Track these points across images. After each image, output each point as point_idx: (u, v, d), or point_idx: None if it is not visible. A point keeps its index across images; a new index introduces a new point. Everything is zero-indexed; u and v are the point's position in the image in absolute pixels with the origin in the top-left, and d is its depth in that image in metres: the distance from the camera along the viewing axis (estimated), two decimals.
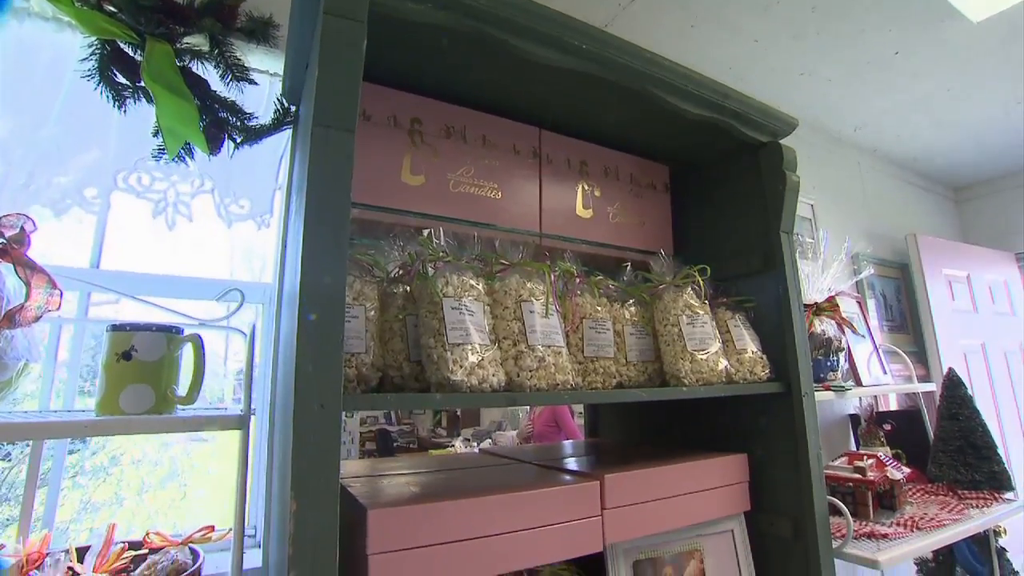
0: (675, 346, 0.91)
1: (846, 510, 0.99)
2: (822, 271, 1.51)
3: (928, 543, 1.09)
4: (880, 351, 1.64)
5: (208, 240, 1.05)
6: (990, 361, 2.17)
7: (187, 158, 0.87)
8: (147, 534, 0.70)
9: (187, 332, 0.71)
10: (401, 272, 0.79)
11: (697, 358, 0.90)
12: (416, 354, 0.73)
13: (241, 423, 0.61)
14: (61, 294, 0.67)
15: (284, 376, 0.67)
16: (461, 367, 0.66)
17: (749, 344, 0.99)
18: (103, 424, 0.55)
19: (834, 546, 0.96)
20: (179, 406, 0.68)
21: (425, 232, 0.81)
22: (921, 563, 1.64)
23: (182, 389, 0.69)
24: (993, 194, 2.54)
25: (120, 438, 1.64)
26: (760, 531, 0.98)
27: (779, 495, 0.98)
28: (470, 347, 0.68)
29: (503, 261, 0.81)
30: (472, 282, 0.74)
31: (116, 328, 0.66)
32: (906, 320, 2.09)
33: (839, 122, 1.97)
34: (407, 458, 1.41)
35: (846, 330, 1.42)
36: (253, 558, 0.90)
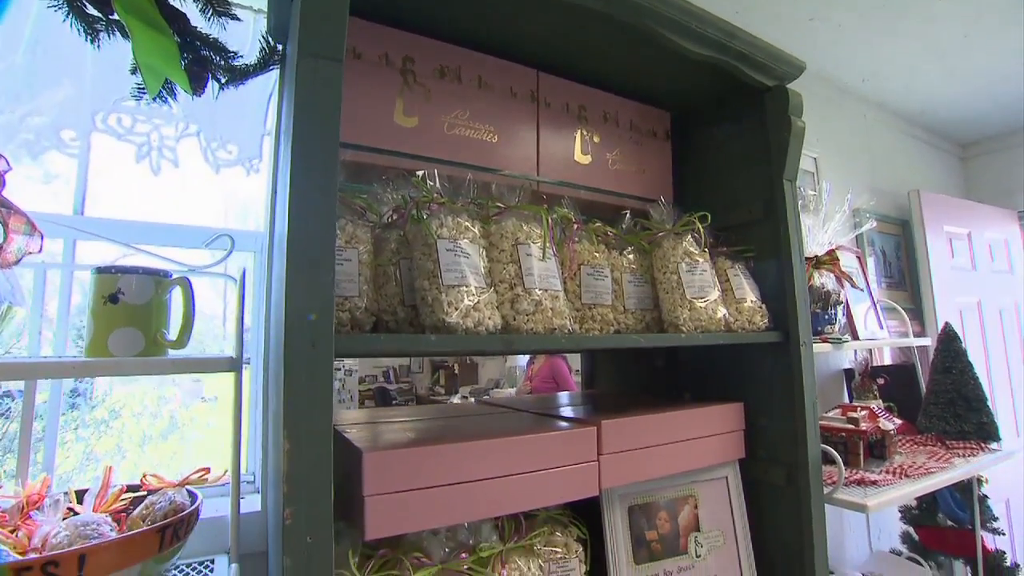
0: (674, 294, 0.90)
1: (838, 457, 1.01)
2: (823, 225, 1.49)
3: (915, 489, 1.12)
4: (878, 306, 1.64)
5: (196, 188, 1.02)
6: (985, 318, 2.18)
7: (169, 99, 0.83)
8: (144, 476, 0.70)
9: (175, 276, 0.69)
10: (395, 216, 0.77)
11: (696, 306, 0.89)
12: (411, 298, 0.72)
13: (233, 365, 0.60)
14: (42, 237, 0.65)
15: (276, 320, 0.66)
16: (456, 309, 0.65)
17: (748, 293, 0.98)
18: (92, 365, 0.54)
19: (825, 492, 0.97)
20: (170, 350, 0.67)
21: (419, 174, 0.79)
22: (905, 510, 1.69)
23: (172, 333, 0.68)
24: (1000, 151, 2.49)
25: (119, 392, 1.65)
26: (753, 478, 1.00)
27: (773, 443, 0.99)
28: (465, 289, 0.67)
29: (499, 204, 0.79)
30: (467, 224, 0.72)
31: (101, 270, 0.64)
32: (904, 277, 2.09)
33: (847, 72, 1.91)
34: (404, 408, 1.42)
35: (845, 284, 1.41)
36: (252, 504, 0.91)
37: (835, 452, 1.01)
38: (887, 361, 1.84)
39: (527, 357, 2.12)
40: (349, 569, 0.63)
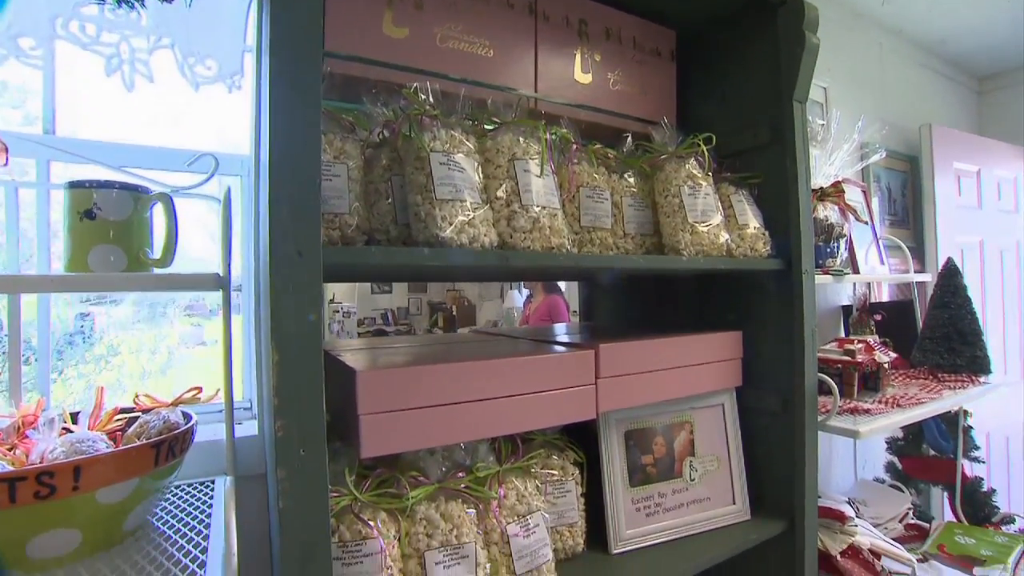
0: (675, 217, 0.87)
1: (834, 385, 1.01)
2: (829, 157, 1.44)
3: (905, 417, 1.13)
4: (880, 242, 1.62)
5: (176, 107, 0.96)
6: (985, 258, 2.17)
7: (136, 5, 0.77)
8: (136, 396, 0.70)
9: (155, 192, 0.66)
10: (385, 133, 0.73)
11: (698, 230, 0.86)
12: (404, 217, 0.69)
13: (219, 283, 0.58)
14: (7, 148, 0.61)
15: (263, 237, 0.63)
16: (450, 224, 0.62)
17: (751, 220, 0.96)
18: (72, 279, 0.52)
19: (819, 420, 0.98)
20: (154, 269, 0.64)
21: (410, 87, 0.74)
22: (891, 441, 1.74)
23: (156, 252, 0.65)
24: (1018, 85, 2.39)
25: (115, 328, 1.65)
26: (749, 406, 1.01)
27: (770, 372, 0.99)
28: (460, 204, 0.64)
29: (495, 119, 0.74)
30: (462, 138, 0.69)
31: (75, 185, 0.61)
32: (908, 216, 2.05)
33: None
34: (400, 337, 1.42)
35: (849, 217, 1.38)
36: (250, 429, 0.92)
37: (831, 381, 1.01)
38: (885, 298, 1.83)
39: (524, 297, 2.11)
40: (346, 487, 0.63)
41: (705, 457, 0.94)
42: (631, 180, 0.91)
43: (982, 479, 1.61)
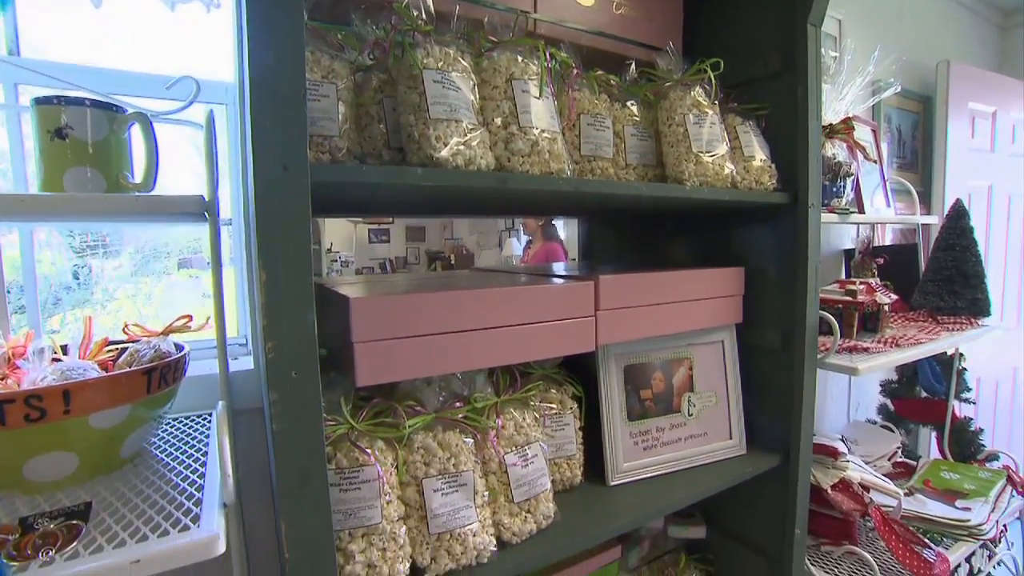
0: (679, 147, 0.84)
1: (835, 322, 1.01)
2: (840, 92, 1.38)
3: (903, 356, 1.13)
4: (887, 184, 1.58)
5: (151, 30, 0.90)
6: (993, 203, 2.13)
7: None
8: (126, 326, 0.68)
9: (131, 112, 0.62)
10: (376, 53, 0.68)
11: (702, 160, 0.83)
12: (396, 140, 0.65)
13: (204, 206, 0.55)
14: None
15: (249, 158, 0.60)
16: (445, 145, 0.59)
17: (758, 152, 0.92)
18: (43, 199, 0.50)
19: (818, 358, 0.98)
20: (136, 193, 0.61)
21: (402, 1, 0.69)
22: (885, 383, 1.76)
23: (137, 177, 0.62)
24: None
25: (110, 274, 1.63)
26: (749, 344, 1.01)
27: (771, 309, 0.98)
28: (455, 124, 0.60)
29: (492, 39, 0.69)
30: (457, 56, 0.64)
31: (42, 101, 0.57)
32: (917, 159, 2.00)
33: None
34: (396, 275, 1.40)
35: (857, 156, 1.34)
36: (246, 364, 0.91)
37: (832, 318, 1.01)
38: (888, 242, 1.81)
39: (523, 244, 2.09)
40: (343, 416, 0.62)
41: (703, 393, 0.94)
42: (634, 109, 0.86)
43: (971, 419, 1.64)
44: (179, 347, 0.66)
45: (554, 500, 0.74)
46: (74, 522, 0.48)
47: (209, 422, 0.75)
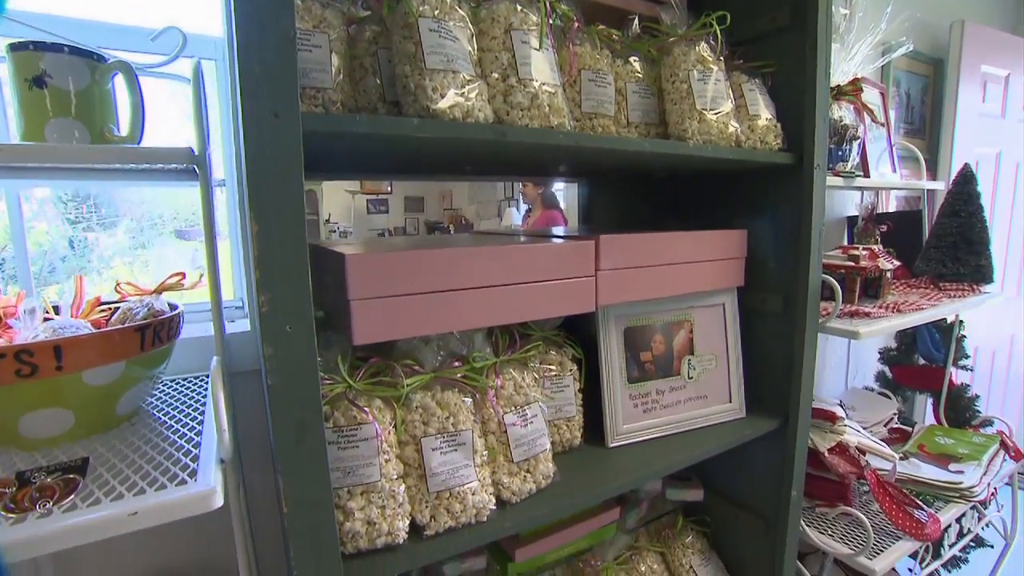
0: (682, 104, 0.81)
1: (837, 286, 0.99)
2: (850, 51, 1.34)
3: (904, 321, 1.13)
4: (894, 149, 1.55)
5: None
6: (1001, 171, 2.10)
7: None
8: (117, 284, 0.67)
9: (113, 61, 0.59)
10: (371, 3, 0.66)
11: (706, 118, 0.81)
12: (392, 94, 0.63)
13: (194, 160, 0.54)
14: None
15: (238, 107, 0.58)
16: (442, 96, 0.57)
17: (763, 110, 0.90)
18: (23, 149, 0.48)
19: (819, 322, 0.98)
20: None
21: None
22: (884, 351, 1.76)
23: (123, 130, 0.60)
24: None
25: (106, 243, 1.61)
26: (750, 307, 1.00)
27: (774, 273, 0.97)
28: (452, 75, 0.58)
29: None
30: (454, 4, 0.61)
31: (17, 48, 0.54)
32: (925, 125, 1.96)
33: None
34: (394, 238, 1.38)
35: (864, 118, 1.30)
36: (243, 327, 0.91)
37: (834, 281, 0.99)
38: (892, 209, 1.79)
39: (522, 213, 2.06)
40: (340, 374, 0.62)
41: (704, 356, 0.93)
42: (636, 65, 0.83)
43: (968, 385, 1.65)
44: (173, 307, 0.65)
45: (553, 461, 0.75)
46: (71, 476, 0.47)
47: (206, 383, 0.74)
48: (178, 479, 0.48)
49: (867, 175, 1.35)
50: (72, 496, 0.45)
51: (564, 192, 1.71)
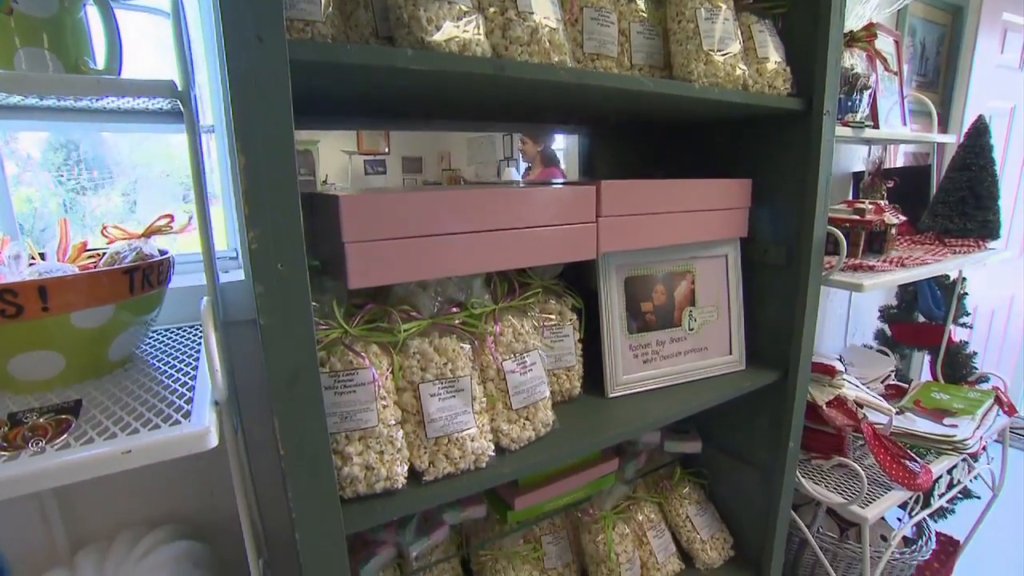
0: (688, 45, 0.77)
1: (842, 237, 0.98)
2: None
3: (908, 275, 1.11)
4: (905, 101, 1.50)
5: None
6: (1014, 126, 2.04)
7: None
8: (104, 228, 0.65)
9: None
10: None
11: (713, 59, 0.77)
12: (385, 28, 0.60)
13: (177, 94, 0.51)
14: None
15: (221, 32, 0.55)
16: (438, 28, 0.54)
17: (772, 53, 0.86)
18: None
19: (822, 274, 0.96)
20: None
21: None
22: (884, 309, 1.76)
23: (99, 63, 0.57)
24: None
25: (102, 203, 1.58)
26: (753, 259, 0.98)
27: (778, 224, 0.95)
28: (448, 6, 0.54)
29: None
30: None
31: None
32: (939, 78, 1.89)
33: None
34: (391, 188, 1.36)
35: (877, 67, 1.26)
36: (237, 277, 0.89)
37: (839, 233, 0.97)
38: (900, 164, 1.75)
39: (522, 172, 2.01)
40: (336, 320, 0.61)
41: (705, 307, 0.92)
42: (640, 4, 0.79)
43: (967, 342, 1.65)
44: (163, 253, 0.63)
45: (553, 410, 0.75)
46: (64, 417, 0.47)
47: (202, 333, 0.73)
48: (172, 420, 0.47)
49: (876, 127, 1.31)
50: (65, 435, 0.45)
51: (564, 151, 1.67)
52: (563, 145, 1.44)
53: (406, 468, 0.62)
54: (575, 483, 0.93)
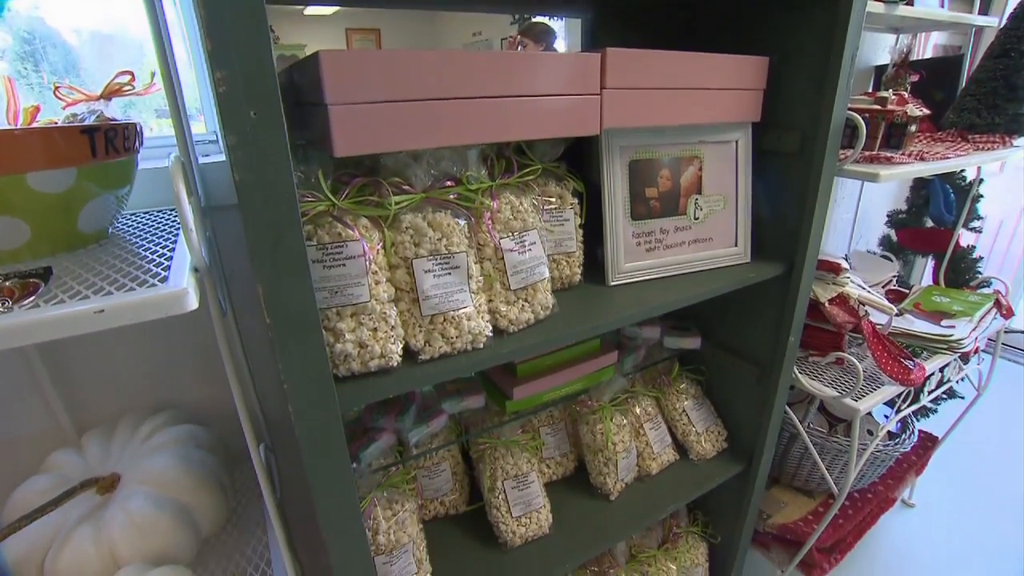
0: None
1: (861, 123, 0.91)
2: None
3: (927, 168, 1.06)
4: None
5: None
6: None
7: None
8: (56, 88, 0.59)
9: None
10: None
11: None
12: None
13: None
14: None
15: None
16: None
17: None
18: None
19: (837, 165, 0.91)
20: None
21: None
22: (892, 214, 1.71)
23: None
24: None
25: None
26: (764, 148, 0.92)
27: (794, 110, 0.88)
28: None
29: None
30: None
31: None
32: None
33: None
34: None
35: None
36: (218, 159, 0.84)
37: (859, 118, 0.91)
38: (929, 56, 1.63)
39: None
40: (321, 191, 0.57)
41: (711, 196, 0.88)
42: None
43: (974, 247, 1.62)
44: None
45: (552, 294, 0.72)
46: (31, 280, 0.44)
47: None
48: (148, 284, 0.45)
49: (911, 3, 1.20)
50: (32, 298, 0.42)
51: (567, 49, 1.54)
52: (564, 48, 1.32)
53: (401, 347, 0.61)
54: (573, 374, 0.93)
